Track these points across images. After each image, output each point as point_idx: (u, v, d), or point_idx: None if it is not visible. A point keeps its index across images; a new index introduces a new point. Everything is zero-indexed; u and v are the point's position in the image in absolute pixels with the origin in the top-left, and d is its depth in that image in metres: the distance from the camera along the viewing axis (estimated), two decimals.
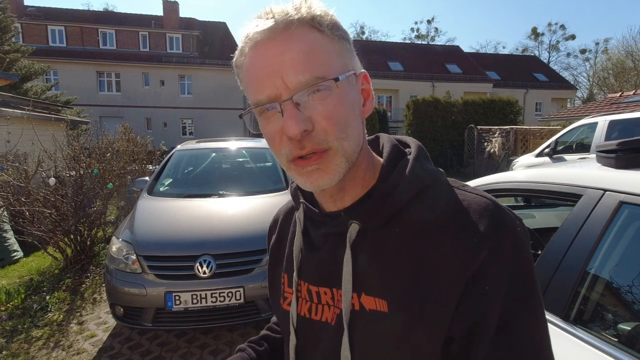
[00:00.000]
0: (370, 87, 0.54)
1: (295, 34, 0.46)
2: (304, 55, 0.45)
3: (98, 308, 3.38)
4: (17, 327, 2.99)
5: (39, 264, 4.55)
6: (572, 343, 0.98)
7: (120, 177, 5.22)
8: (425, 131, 16.48)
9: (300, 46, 0.45)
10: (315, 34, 0.47)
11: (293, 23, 0.46)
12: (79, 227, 4.25)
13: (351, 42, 0.52)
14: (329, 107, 0.46)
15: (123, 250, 2.69)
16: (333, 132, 0.46)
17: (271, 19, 0.46)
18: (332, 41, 0.48)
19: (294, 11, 0.47)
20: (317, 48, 0.46)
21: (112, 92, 23.89)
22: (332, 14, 0.49)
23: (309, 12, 0.47)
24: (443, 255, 0.45)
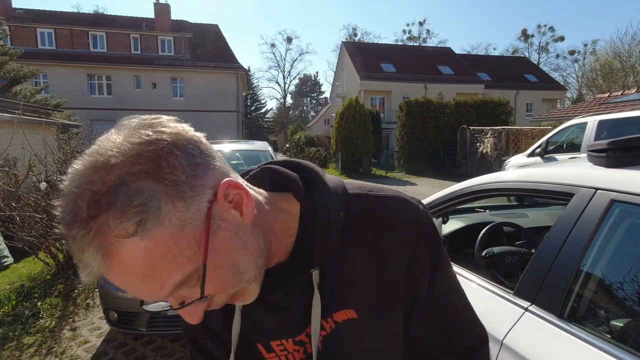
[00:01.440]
0: (236, 190, 0.46)
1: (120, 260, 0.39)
2: (140, 277, 0.41)
3: (91, 313, 3.34)
4: (8, 334, 2.95)
5: (29, 269, 4.48)
6: (566, 340, 1.00)
7: None
8: (418, 132, 16.60)
9: (126, 269, 0.40)
10: (133, 246, 0.39)
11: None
12: None
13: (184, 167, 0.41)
14: (214, 285, 0.45)
15: None
16: (229, 290, 0.47)
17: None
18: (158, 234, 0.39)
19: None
20: (141, 263, 0.40)
21: (103, 95, 23.65)
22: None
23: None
24: (382, 259, 0.56)
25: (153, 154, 0.40)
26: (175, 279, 0.41)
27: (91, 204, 0.37)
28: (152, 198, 0.38)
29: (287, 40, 51.25)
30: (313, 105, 62.93)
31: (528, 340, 1.09)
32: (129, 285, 0.41)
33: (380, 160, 20.45)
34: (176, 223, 0.40)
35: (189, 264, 0.41)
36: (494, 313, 1.27)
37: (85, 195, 0.37)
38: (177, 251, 0.40)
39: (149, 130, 0.42)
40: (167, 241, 0.40)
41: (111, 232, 0.37)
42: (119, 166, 0.38)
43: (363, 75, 25.84)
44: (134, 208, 0.37)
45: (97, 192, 0.37)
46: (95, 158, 0.39)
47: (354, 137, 17.61)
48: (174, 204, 0.40)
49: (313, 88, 61.79)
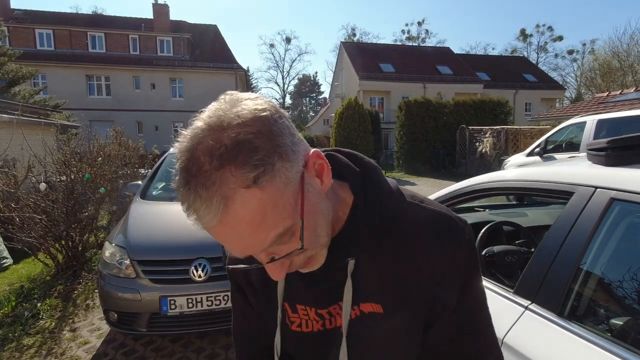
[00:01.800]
0: (320, 160, 0.52)
1: (223, 205, 0.43)
2: (249, 225, 0.45)
3: (91, 314, 3.33)
4: (8, 336, 2.94)
5: (29, 270, 4.47)
6: (566, 338, 1.00)
7: (112, 181, 5.17)
8: (417, 132, 16.60)
9: (241, 217, 0.44)
10: (248, 196, 0.43)
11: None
12: (70, 232, 4.19)
13: (283, 133, 0.47)
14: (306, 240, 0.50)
15: (116, 255, 2.66)
16: (309, 252, 0.53)
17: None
18: (272, 188, 0.45)
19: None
20: (254, 214, 0.44)
21: (102, 96, 23.62)
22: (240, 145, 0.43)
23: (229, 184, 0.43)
24: (418, 268, 0.58)
25: (265, 119, 0.46)
26: (277, 231, 0.46)
27: (216, 157, 0.42)
28: (268, 155, 0.44)
29: (286, 41, 51.28)
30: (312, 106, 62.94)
31: (528, 339, 1.09)
32: (236, 236, 0.45)
33: (380, 160, 20.47)
34: (284, 180, 0.45)
35: (289, 219, 0.47)
36: (494, 312, 1.26)
37: (212, 150, 0.42)
38: (282, 206, 0.46)
39: (253, 102, 0.48)
40: (276, 195, 0.45)
41: (233, 183, 0.42)
42: (240, 126, 0.44)
43: (362, 76, 25.84)
44: (254, 162, 0.42)
45: (221, 147, 0.42)
46: (218, 119, 0.45)
47: (353, 137, 17.61)
48: (283, 163, 0.45)
49: (312, 88, 61.80)
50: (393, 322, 0.60)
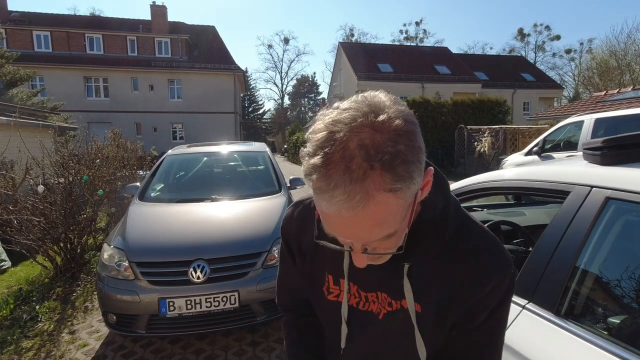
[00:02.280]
0: (430, 177, 0.56)
1: (363, 204, 0.47)
2: (373, 223, 0.51)
3: (90, 316, 3.33)
4: (6, 339, 2.93)
5: (27, 273, 4.46)
6: (563, 337, 1.00)
7: (110, 183, 5.16)
8: None
9: (371, 216, 0.49)
10: (391, 199, 0.49)
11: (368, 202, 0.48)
12: (68, 234, 4.18)
13: (419, 156, 0.50)
14: (395, 241, 0.57)
15: (115, 257, 2.66)
16: (392, 250, 0.59)
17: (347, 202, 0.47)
18: (404, 195, 0.50)
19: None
20: (393, 212, 0.51)
21: (100, 98, 23.59)
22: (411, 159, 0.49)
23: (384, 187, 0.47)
24: (461, 284, 0.65)
25: (415, 133, 0.50)
26: (388, 232, 0.52)
27: (374, 158, 0.46)
28: (413, 169, 0.48)
29: (284, 41, 51.29)
30: (311, 106, 62.91)
31: (525, 338, 1.10)
32: (357, 227, 0.50)
33: None
34: (412, 191, 0.51)
35: (399, 224, 0.53)
36: None
37: (370, 150, 0.46)
38: (402, 212, 0.52)
39: (401, 107, 0.52)
40: (403, 202, 0.50)
41: (379, 185, 0.46)
42: (395, 134, 0.47)
43: (360, 76, 25.85)
44: (402, 174, 0.47)
45: (383, 151, 0.46)
46: (373, 119, 0.48)
47: None
48: (418, 179, 0.50)
49: (311, 89, 61.77)
50: (426, 322, 0.67)
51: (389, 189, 0.47)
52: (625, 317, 1.04)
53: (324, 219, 0.53)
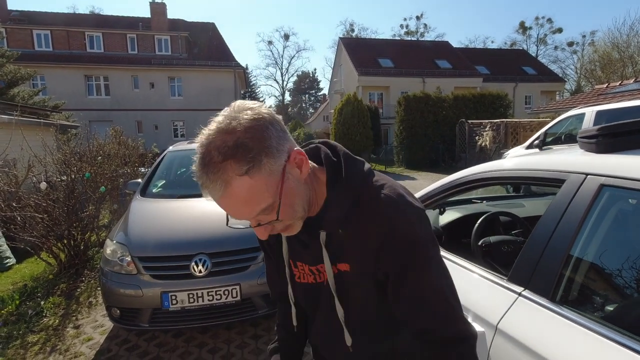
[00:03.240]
0: (301, 156, 0.69)
1: (230, 191, 0.62)
2: (244, 203, 0.64)
3: (94, 311, 3.37)
4: (13, 333, 2.97)
5: (32, 270, 4.51)
6: (559, 322, 1.02)
7: (112, 180, 5.19)
8: (416, 127, 16.58)
9: (238, 199, 0.63)
10: (241, 181, 0.61)
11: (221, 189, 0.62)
12: (72, 231, 4.22)
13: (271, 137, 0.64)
14: (282, 214, 0.67)
15: (118, 252, 2.68)
16: (287, 221, 0.71)
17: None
18: (260, 175, 0.62)
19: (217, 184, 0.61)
20: (252, 193, 0.63)
21: (101, 96, 23.60)
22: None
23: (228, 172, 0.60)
24: (367, 238, 0.73)
25: (259, 127, 0.63)
26: (261, 207, 0.64)
27: (222, 153, 0.59)
28: (258, 154, 0.61)
29: (284, 38, 51.11)
30: (312, 102, 62.80)
31: (521, 324, 1.11)
32: (233, 207, 0.64)
33: (380, 155, 20.46)
34: (268, 171, 0.62)
35: (270, 198, 0.64)
36: (489, 299, 1.29)
37: (220, 147, 0.60)
38: (266, 189, 0.63)
39: (252, 111, 0.64)
40: (261, 182, 0.62)
41: (231, 172, 0.60)
42: (240, 132, 0.61)
43: (361, 71, 25.78)
44: (247, 159, 0.60)
45: (227, 146, 0.60)
46: (226, 125, 0.62)
47: (353, 132, 17.60)
48: (268, 159, 0.62)
49: (311, 85, 61.63)
50: (357, 278, 0.78)
51: (240, 174, 0.60)
52: (619, 302, 1.06)
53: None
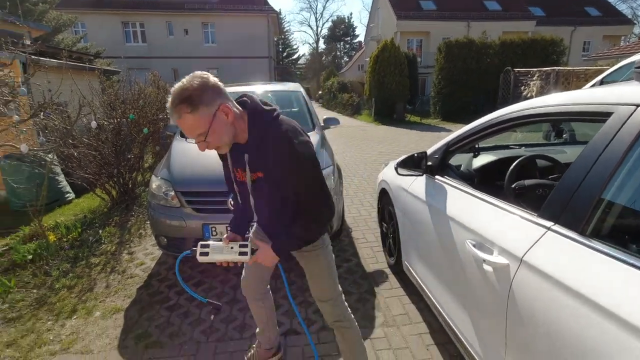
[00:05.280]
0: (227, 109, 1.23)
1: (184, 119, 1.18)
2: (191, 127, 1.21)
3: (144, 241, 3.73)
4: (79, 255, 3.39)
5: (89, 204, 4.97)
6: (587, 254, 1.03)
7: (153, 123, 5.43)
8: (457, 75, 15.64)
9: (188, 124, 1.19)
10: (190, 116, 1.17)
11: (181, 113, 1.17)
12: (120, 170, 4.55)
13: (209, 92, 1.20)
14: (211, 139, 1.24)
15: (162, 187, 2.90)
16: (216, 144, 1.27)
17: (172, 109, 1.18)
18: (197, 115, 1.18)
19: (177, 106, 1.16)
20: (196, 123, 1.19)
21: (138, 43, 23.86)
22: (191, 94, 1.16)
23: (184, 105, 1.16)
24: (269, 153, 1.28)
25: (201, 87, 1.18)
26: (198, 132, 1.21)
27: (179, 99, 1.16)
28: (199, 102, 1.17)
29: None
30: (347, 50, 60.14)
31: (548, 256, 1.14)
32: (185, 129, 1.21)
33: (415, 106, 19.69)
34: (202, 113, 1.18)
35: (203, 128, 1.20)
36: (515, 233, 1.31)
37: (178, 97, 1.16)
38: (202, 122, 1.19)
39: (201, 79, 1.19)
40: (199, 118, 1.18)
41: (182, 110, 1.16)
42: (191, 89, 1.16)
43: (400, 15, 24.07)
44: (192, 104, 1.16)
45: (183, 96, 1.16)
46: (183, 85, 1.17)
47: (389, 82, 16.92)
48: (202, 107, 1.18)
49: (347, 31, 58.62)
50: (268, 183, 1.34)
51: (187, 112, 1.15)
52: None
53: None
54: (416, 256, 2.26)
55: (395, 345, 2.09)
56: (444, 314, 1.83)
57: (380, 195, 3.17)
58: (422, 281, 2.15)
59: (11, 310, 2.60)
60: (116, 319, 2.46)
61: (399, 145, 10.07)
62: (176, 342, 2.20)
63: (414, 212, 2.25)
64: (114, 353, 2.13)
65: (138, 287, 2.86)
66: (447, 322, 1.79)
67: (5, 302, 2.68)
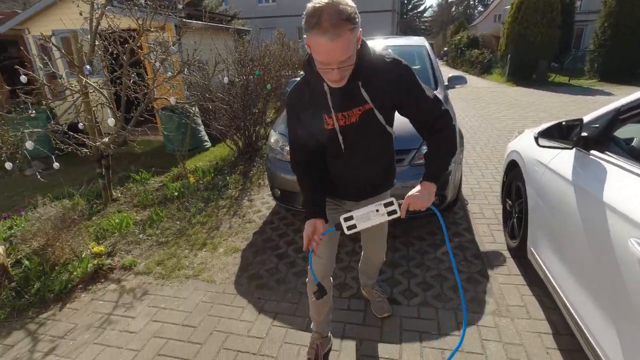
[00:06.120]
0: (360, 36, 1.13)
1: (343, 38, 1.03)
2: (345, 49, 1.05)
3: (262, 191, 4.08)
4: (210, 197, 3.91)
5: (220, 152, 5.66)
6: None
7: (276, 79, 5.72)
8: (630, 23, 12.25)
9: (344, 44, 1.04)
10: (350, 34, 1.04)
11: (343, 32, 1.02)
12: (246, 123, 4.99)
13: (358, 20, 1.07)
14: (350, 65, 1.14)
15: (279, 142, 3.05)
16: (348, 73, 1.17)
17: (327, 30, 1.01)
18: (354, 34, 1.06)
19: (343, 22, 1.01)
20: (351, 43, 1.06)
21: (269, 3, 25.16)
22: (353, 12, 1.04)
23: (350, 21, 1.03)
24: (389, 83, 1.27)
25: (355, 10, 1.05)
26: (347, 54, 1.07)
27: (344, 16, 1.01)
28: (357, 24, 1.05)
29: None
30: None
31: None
32: (337, 49, 1.03)
33: (564, 64, 16.34)
34: (356, 35, 1.07)
35: (352, 51, 1.08)
36: None
37: (338, 14, 1.00)
38: (353, 45, 1.07)
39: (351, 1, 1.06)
40: (353, 39, 1.06)
41: (346, 27, 1.01)
42: (350, 6, 1.03)
43: None
44: (354, 21, 1.04)
45: (347, 12, 1.02)
46: (337, 2, 1.01)
47: (532, 33, 14.29)
48: (358, 29, 1.08)
49: None
50: (380, 110, 1.29)
51: (349, 30, 1.02)
52: None
53: (317, 53, 1.07)
54: (547, 244, 1.91)
55: (507, 340, 1.86)
56: (577, 318, 1.52)
57: (507, 168, 2.75)
58: (551, 274, 1.82)
59: (162, 235, 3.18)
60: (234, 257, 2.78)
61: (536, 111, 8.61)
62: (282, 288, 2.38)
63: (552, 193, 1.87)
64: (231, 287, 2.43)
65: (254, 232, 3.17)
66: (581, 329, 1.48)
67: (158, 229, 3.29)
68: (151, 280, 2.56)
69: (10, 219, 3.55)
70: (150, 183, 4.40)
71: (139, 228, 3.30)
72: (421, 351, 1.82)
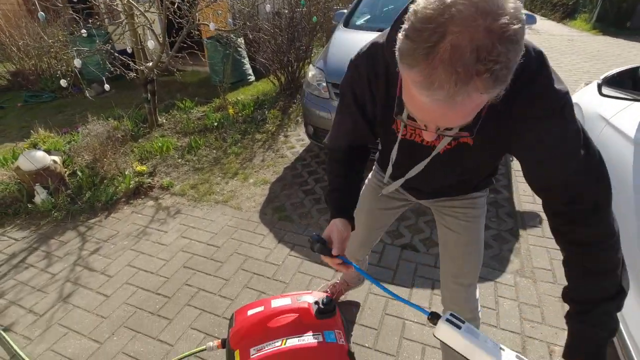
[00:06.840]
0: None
1: (459, 102, 0.49)
2: (461, 117, 0.55)
3: (298, 128, 4.05)
4: (247, 129, 3.96)
5: (263, 87, 5.61)
6: None
7: (324, 12, 5.38)
8: None
9: (461, 111, 0.53)
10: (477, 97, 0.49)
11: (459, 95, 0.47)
12: (290, 58, 4.83)
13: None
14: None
15: (317, 77, 2.93)
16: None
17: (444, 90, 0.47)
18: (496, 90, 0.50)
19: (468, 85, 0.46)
20: (473, 110, 0.54)
21: None
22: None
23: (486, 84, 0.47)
24: (515, 118, 0.73)
25: (522, 36, 0.49)
26: (468, 120, 0.57)
27: (488, 67, 0.45)
28: (510, 75, 0.49)
29: None
30: None
31: None
32: (448, 117, 0.54)
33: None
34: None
35: (473, 115, 0.56)
36: None
37: (487, 56, 0.44)
38: (481, 105, 0.54)
39: (518, 3, 0.47)
40: (486, 99, 0.52)
41: (481, 88, 0.47)
42: (509, 40, 0.45)
43: None
44: (502, 81, 0.48)
45: (495, 60, 0.45)
46: (496, 25, 0.44)
47: None
48: (505, 84, 0.50)
49: None
50: (477, 151, 0.82)
51: (486, 92, 0.48)
52: None
53: (412, 104, 0.56)
54: None
55: (524, 300, 1.79)
56: None
57: None
58: None
59: (198, 162, 3.33)
60: (263, 189, 2.86)
61: (622, 65, 7.46)
62: (304, 222, 2.44)
63: (611, 153, 1.64)
64: (255, 216, 2.53)
65: (285, 167, 3.20)
66: None
67: (195, 155, 3.43)
68: (184, 201, 2.73)
69: (69, 134, 3.88)
70: (193, 112, 4.52)
71: (178, 153, 3.46)
72: (431, 298, 1.81)
